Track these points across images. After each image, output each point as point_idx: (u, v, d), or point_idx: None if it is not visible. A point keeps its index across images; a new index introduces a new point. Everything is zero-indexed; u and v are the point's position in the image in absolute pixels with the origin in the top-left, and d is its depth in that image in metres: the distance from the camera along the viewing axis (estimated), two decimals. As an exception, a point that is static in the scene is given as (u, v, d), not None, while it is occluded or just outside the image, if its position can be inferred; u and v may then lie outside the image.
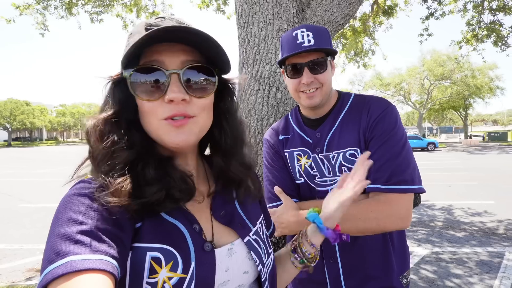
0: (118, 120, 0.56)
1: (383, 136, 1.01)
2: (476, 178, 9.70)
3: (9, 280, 3.54)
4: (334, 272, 1.08)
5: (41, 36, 5.13)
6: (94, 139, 0.54)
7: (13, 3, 4.72)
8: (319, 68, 1.04)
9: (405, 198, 0.96)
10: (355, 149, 1.05)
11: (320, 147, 1.10)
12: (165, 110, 0.55)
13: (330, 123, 1.11)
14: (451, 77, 27.87)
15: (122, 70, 0.57)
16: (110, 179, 0.51)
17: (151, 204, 0.52)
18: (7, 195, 8.65)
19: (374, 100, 1.10)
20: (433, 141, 23.81)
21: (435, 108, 33.61)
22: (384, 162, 0.98)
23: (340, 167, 1.06)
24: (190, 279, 0.52)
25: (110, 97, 0.58)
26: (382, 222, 0.95)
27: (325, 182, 1.10)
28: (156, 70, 0.54)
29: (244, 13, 1.90)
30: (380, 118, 1.03)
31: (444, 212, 6.00)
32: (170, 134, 0.55)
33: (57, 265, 0.41)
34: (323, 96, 1.07)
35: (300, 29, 1.04)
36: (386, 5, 5.97)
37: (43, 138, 58.65)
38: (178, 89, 0.54)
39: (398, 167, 0.97)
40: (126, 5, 5.33)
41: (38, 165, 16.92)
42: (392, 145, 1.00)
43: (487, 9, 5.44)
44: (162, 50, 0.55)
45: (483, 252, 4.03)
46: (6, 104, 43.76)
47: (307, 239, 0.76)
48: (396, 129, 1.02)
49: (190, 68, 0.56)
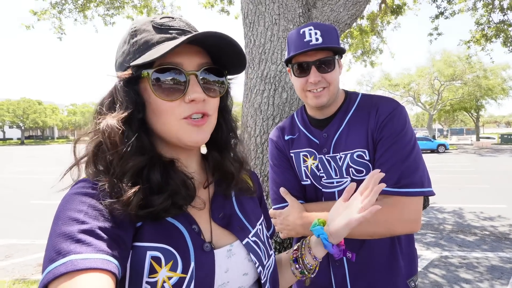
0: (131, 121, 0.55)
1: (392, 137, 0.98)
2: (488, 181, 9.46)
3: (21, 274, 3.63)
4: (340, 275, 1.07)
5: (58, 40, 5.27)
6: (111, 140, 0.52)
7: (31, 9, 4.87)
8: (326, 67, 1.02)
9: (415, 201, 0.94)
10: (363, 150, 1.02)
11: (327, 148, 1.08)
12: (185, 109, 0.56)
13: (337, 123, 1.09)
14: (462, 78, 27.27)
15: (133, 69, 0.55)
16: (123, 185, 0.51)
17: (157, 213, 0.53)
18: (20, 192, 8.88)
19: (382, 100, 1.08)
20: (443, 143, 23.35)
21: (445, 109, 32.91)
22: (393, 164, 0.95)
23: (347, 169, 1.04)
24: (190, 279, 0.52)
25: (122, 96, 0.55)
26: (391, 225, 0.93)
27: (331, 184, 1.08)
28: (175, 71, 0.55)
29: (250, 13, 1.91)
30: (389, 119, 1.00)
31: (454, 216, 5.88)
32: (191, 133, 0.57)
33: (59, 264, 0.41)
34: (330, 95, 1.05)
35: (307, 27, 1.02)
36: (394, 4, 5.89)
37: (54, 137, 59.92)
38: (199, 90, 0.56)
39: (407, 170, 0.95)
40: (137, 6, 5.41)
41: (49, 162, 17.31)
42: (401, 146, 0.97)
43: (498, 8, 5.32)
44: (179, 52, 0.55)
45: (494, 257, 3.93)
46: (20, 103, 44.88)
47: (310, 251, 0.75)
48: (405, 130, 0.99)
49: (205, 69, 0.58)
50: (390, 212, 0.93)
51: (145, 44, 0.55)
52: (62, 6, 4.85)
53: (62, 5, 4.84)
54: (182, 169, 0.60)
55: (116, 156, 0.53)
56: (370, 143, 1.02)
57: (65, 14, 4.97)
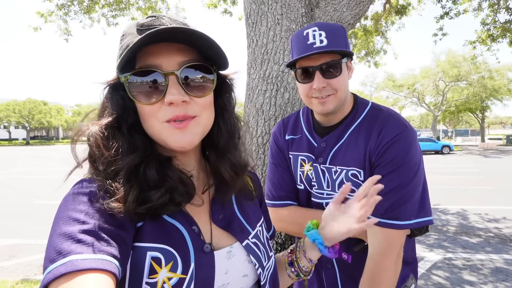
0: (119, 125, 0.55)
1: (391, 165, 0.91)
2: (492, 182, 9.36)
3: (25, 274, 3.66)
4: (331, 277, 1.06)
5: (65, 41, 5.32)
6: (96, 146, 0.53)
7: (38, 11, 4.92)
8: (333, 72, 0.93)
9: (399, 234, 0.90)
10: (359, 170, 0.97)
11: (323, 158, 1.03)
12: (166, 112, 0.53)
13: (338, 134, 1.03)
14: (467, 78, 27.04)
15: (118, 74, 0.56)
16: (116, 185, 0.50)
17: (155, 208, 0.52)
18: (24, 191, 8.96)
19: (389, 120, 0.97)
20: (447, 144, 23.14)
21: (450, 110, 32.63)
22: (386, 192, 0.87)
23: (340, 184, 1.00)
24: (190, 280, 0.51)
25: (108, 102, 0.57)
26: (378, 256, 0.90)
27: (321, 195, 1.04)
28: (153, 73, 0.53)
29: (252, 13, 1.91)
30: (391, 144, 0.92)
31: (457, 217, 5.82)
32: (175, 136, 0.54)
33: (59, 264, 0.41)
34: (337, 102, 0.97)
35: (311, 27, 0.94)
36: (398, 4, 5.86)
37: (59, 137, 60.42)
38: (177, 91, 0.53)
39: (399, 200, 0.89)
40: (141, 8, 5.45)
41: (54, 163, 17.45)
42: (400, 175, 0.90)
43: (503, 8, 5.27)
44: (158, 51, 0.54)
45: (499, 259, 3.88)
46: (25, 104, 45.34)
47: (305, 255, 0.74)
48: (409, 157, 0.91)
49: (187, 67, 0.54)
50: (376, 240, 0.91)
51: (126, 48, 0.53)
52: (68, 8, 4.89)
53: (68, 6, 4.88)
54: (180, 167, 0.59)
55: (105, 159, 0.52)
56: (367, 165, 0.96)
57: (71, 16, 5.01)
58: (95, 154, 0.54)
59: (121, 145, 0.54)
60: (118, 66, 0.54)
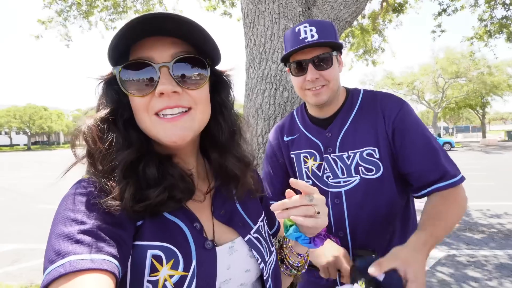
0: (115, 119, 0.55)
1: (411, 128, 1.00)
2: (494, 178, 9.33)
3: (29, 279, 3.66)
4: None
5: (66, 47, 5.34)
6: (92, 139, 0.53)
7: (39, 19, 4.95)
8: (324, 64, 1.01)
9: (462, 188, 0.99)
10: (373, 148, 1.02)
11: (332, 147, 1.07)
12: (157, 104, 0.53)
13: (340, 122, 1.08)
14: (466, 75, 26.98)
15: (112, 69, 0.56)
16: (111, 183, 0.50)
17: (154, 205, 0.52)
18: (27, 196, 8.98)
19: (387, 97, 1.08)
20: (449, 140, 23.08)
21: (450, 107, 32.57)
22: (419, 149, 0.98)
23: (356, 167, 1.03)
24: (192, 277, 0.51)
25: (103, 97, 0.57)
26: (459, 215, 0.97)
27: (338, 183, 1.07)
28: (145, 65, 0.53)
29: (250, 13, 1.92)
30: (402, 114, 1.02)
31: (460, 214, 5.80)
32: (166, 130, 0.54)
33: (58, 265, 0.41)
34: (330, 93, 1.04)
35: (302, 24, 1.02)
36: (395, 2, 5.87)
37: (60, 142, 60.52)
38: (168, 82, 0.53)
39: (436, 152, 0.98)
40: (139, 11, 5.47)
41: (56, 167, 17.48)
42: (423, 130, 1.00)
43: (500, 4, 5.27)
44: (151, 45, 0.54)
45: (503, 255, 3.86)
46: (26, 109, 45.47)
47: (292, 250, 0.74)
48: (418, 120, 1.03)
49: (180, 60, 0.54)
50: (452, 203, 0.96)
51: (115, 38, 0.52)
52: (67, 13, 4.92)
53: (67, 11, 4.90)
54: (180, 165, 0.59)
55: (100, 153, 0.52)
56: (382, 140, 1.01)
57: (70, 20, 5.04)
58: (92, 149, 0.54)
59: (116, 139, 0.54)
60: (108, 54, 0.53)
